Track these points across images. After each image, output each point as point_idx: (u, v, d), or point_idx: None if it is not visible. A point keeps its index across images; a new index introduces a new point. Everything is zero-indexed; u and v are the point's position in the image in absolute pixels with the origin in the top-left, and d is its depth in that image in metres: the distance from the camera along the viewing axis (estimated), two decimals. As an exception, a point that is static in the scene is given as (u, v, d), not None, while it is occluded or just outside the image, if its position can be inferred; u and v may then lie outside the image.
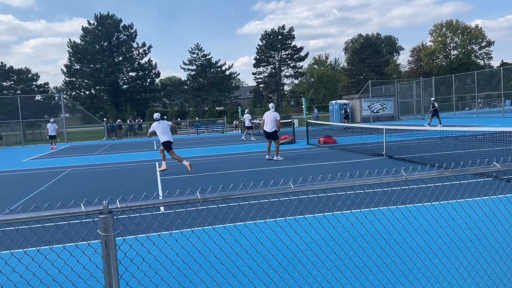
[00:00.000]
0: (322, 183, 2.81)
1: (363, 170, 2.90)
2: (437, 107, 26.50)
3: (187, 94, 63.49)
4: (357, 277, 3.40)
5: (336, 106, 37.70)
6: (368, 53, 74.69)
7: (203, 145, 22.59)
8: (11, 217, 2.28)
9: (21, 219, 2.28)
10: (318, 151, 15.61)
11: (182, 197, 2.61)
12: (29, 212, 2.28)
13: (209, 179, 10.30)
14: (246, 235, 3.28)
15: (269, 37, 67.73)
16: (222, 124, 41.35)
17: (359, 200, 4.64)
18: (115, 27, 56.77)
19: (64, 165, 15.67)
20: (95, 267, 3.17)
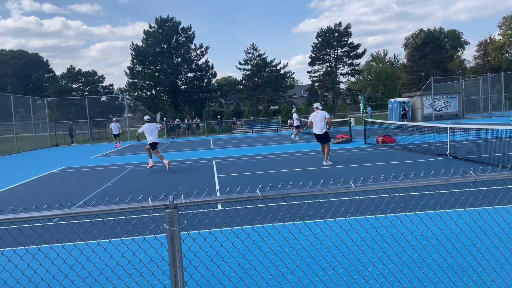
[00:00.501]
0: (384, 183, 2.75)
1: (425, 170, 2.80)
2: None
3: (242, 94, 64.26)
4: (421, 281, 3.28)
5: (395, 104, 36.41)
6: (430, 49, 71.23)
7: (258, 144, 22.78)
8: (86, 209, 2.46)
9: (95, 211, 2.46)
10: (376, 151, 15.19)
11: (243, 194, 2.67)
12: (101, 205, 2.45)
13: (265, 178, 10.37)
14: (305, 234, 3.29)
15: (325, 34, 66.77)
16: (276, 123, 41.42)
17: (424, 202, 4.46)
18: (174, 29, 58.71)
19: (128, 162, 16.49)
20: (161, 259, 3.32)
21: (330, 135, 12.95)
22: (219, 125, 42.80)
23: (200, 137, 36.35)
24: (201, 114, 49.85)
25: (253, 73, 62.95)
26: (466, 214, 3.74)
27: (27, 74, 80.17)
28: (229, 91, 65.21)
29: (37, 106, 36.06)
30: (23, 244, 3.96)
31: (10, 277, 3.22)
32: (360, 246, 3.43)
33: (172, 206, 2.49)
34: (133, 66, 59.27)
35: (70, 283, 3.18)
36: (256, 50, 63.26)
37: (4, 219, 2.40)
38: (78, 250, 3.02)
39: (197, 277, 3.22)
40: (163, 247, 2.82)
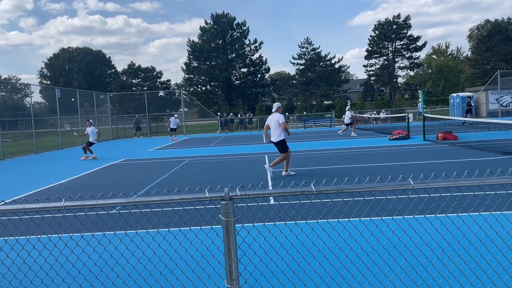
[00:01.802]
0: (446, 181, 2.63)
1: (491, 169, 2.64)
2: None
3: (295, 89, 63.94)
4: (484, 284, 3.11)
5: (458, 99, 34.53)
6: (497, 40, 66.62)
7: (311, 139, 22.58)
8: (147, 198, 2.58)
9: (155, 201, 2.57)
10: (436, 148, 14.53)
11: (297, 189, 2.67)
12: (161, 195, 2.56)
13: (319, 173, 10.28)
14: (360, 230, 3.23)
15: (382, 27, 64.60)
16: (330, 118, 40.82)
17: (489, 201, 4.20)
18: (229, 25, 59.54)
19: (184, 155, 17.02)
20: (216, 250, 3.41)
21: (387, 131, 12.48)
22: (272, 120, 42.85)
23: (253, 131, 36.68)
24: (254, 109, 50.24)
25: (306, 67, 62.40)
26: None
27: (91, 70, 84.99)
28: (282, 86, 65.15)
29: (100, 101, 38.13)
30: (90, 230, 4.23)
31: (78, 260, 3.46)
32: (418, 245, 3.31)
33: (228, 198, 2.55)
34: (189, 62, 60.91)
35: (131, 268, 3.36)
36: (311, 44, 62.61)
37: (72, 205, 2.58)
38: (139, 237, 3.18)
39: (251, 268, 3.28)
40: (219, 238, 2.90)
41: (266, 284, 3.21)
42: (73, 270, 3.55)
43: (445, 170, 9.20)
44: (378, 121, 37.78)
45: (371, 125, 33.34)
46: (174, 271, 3.36)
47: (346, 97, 59.42)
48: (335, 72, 62.90)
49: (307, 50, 62.67)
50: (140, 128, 36.99)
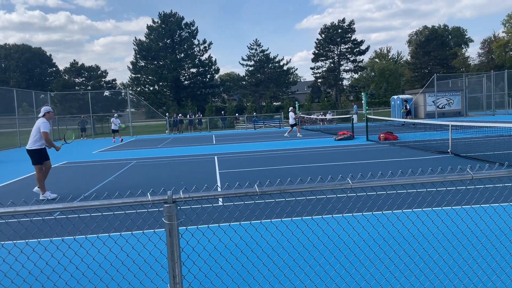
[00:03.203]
0: (381, 180, 2.76)
1: (426, 167, 2.82)
2: None
3: (245, 90, 64.28)
4: (417, 277, 3.31)
5: (398, 101, 36.31)
6: (434, 46, 70.90)
7: (260, 140, 22.81)
8: (86, 203, 2.49)
9: (94, 205, 2.49)
10: (378, 148, 15.19)
11: (241, 190, 2.70)
12: (101, 200, 2.48)
13: (266, 174, 10.41)
14: (303, 229, 3.32)
15: (328, 31, 66.56)
16: (279, 119, 41.43)
17: (421, 199, 4.47)
18: (178, 24, 58.68)
19: (130, 157, 16.55)
20: (159, 253, 3.36)
21: (333, 132, 12.86)
22: (222, 121, 42.82)
23: (203, 132, 36.41)
24: (204, 110, 49.90)
25: (256, 69, 62.92)
26: (462, 212, 3.76)
27: (30, 69, 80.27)
28: (232, 87, 65.24)
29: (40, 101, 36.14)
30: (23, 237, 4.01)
31: (10, 270, 3.26)
32: (357, 242, 3.45)
33: (171, 200, 2.51)
34: (136, 61, 59.33)
35: (69, 276, 3.22)
36: (260, 46, 63.20)
37: (4, 212, 2.43)
38: (78, 244, 3.06)
39: (195, 271, 3.26)
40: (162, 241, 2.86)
41: (210, 286, 3.21)
42: (5, 280, 3.34)
43: (385, 169, 9.65)
44: (325, 122, 38.87)
45: (318, 126, 34.24)
46: (115, 277, 3.27)
47: (294, 99, 60.59)
48: (283, 74, 63.94)
49: (256, 51, 63.22)
50: (85, 129, 35.45)
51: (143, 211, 3.25)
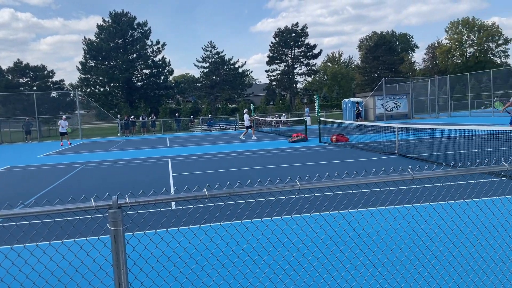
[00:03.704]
0: (328, 181, 2.83)
1: (374, 168, 2.92)
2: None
3: (200, 92, 63.81)
4: (362, 275, 3.42)
5: (349, 104, 37.46)
6: (383, 51, 73.89)
7: (216, 142, 22.72)
8: (24, 210, 2.36)
9: (33, 213, 2.36)
10: (330, 149, 15.57)
11: (190, 193, 2.66)
12: (41, 206, 2.36)
13: (222, 176, 10.37)
14: (252, 232, 3.33)
15: (282, 34, 67.56)
16: (234, 121, 41.47)
17: (366, 199, 4.64)
18: (130, 24, 57.27)
19: (79, 161, 15.92)
20: (104, 261, 3.25)
21: (287, 134, 13.05)
22: (177, 123, 42.22)
23: (156, 135, 35.71)
24: (158, 112, 48.99)
25: (211, 71, 62.66)
26: (404, 210, 3.93)
27: (-31, 67, 75.21)
28: (187, 88, 64.55)
29: (-20, 102, 33.98)
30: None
31: None
32: (305, 242, 3.52)
33: (116, 206, 2.43)
34: (86, 61, 57.28)
35: (5, 287, 3.04)
36: (214, 48, 63.01)
37: None
38: (15, 253, 2.89)
39: (142, 277, 3.18)
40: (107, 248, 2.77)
41: (159, 292, 3.14)
42: None
43: (336, 170, 9.89)
44: (279, 124, 39.36)
45: (273, 128, 34.59)
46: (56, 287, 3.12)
47: (250, 101, 60.92)
48: (239, 76, 64.11)
49: (211, 53, 62.99)
50: (30, 131, 33.61)
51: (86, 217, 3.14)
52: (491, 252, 3.72)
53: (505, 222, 3.75)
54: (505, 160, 2.93)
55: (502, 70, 49.87)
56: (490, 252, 3.72)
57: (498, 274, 3.44)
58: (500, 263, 3.57)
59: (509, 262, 3.60)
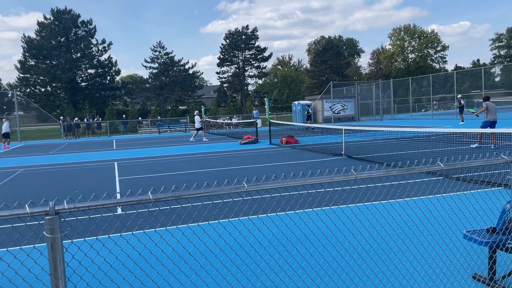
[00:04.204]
0: (275, 182, 2.84)
1: (321, 169, 2.97)
2: (464, 104, 26.59)
3: (149, 93, 62.36)
4: (308, 274, 3.47)
5: (299, 106, 38.19)
6: (330, 55, 76.15)
7: (165, 145, 22.28)
8: None
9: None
10: (280, 151, 15.77)
11: (133, 198, 2.57)
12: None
13: (169, 179, 10.17)
14: (199, 235, 3.28)
15: (232, 36, 67.69)
16: (185, 123, 40.92)
17: (311, 199, 4.74)
18: (73, 22, 54.91)
19: (17, 165, 14.99)
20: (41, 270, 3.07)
21: (238, 136, 13.06)
22: (124, 125, 40.96)
23: (102, 137, 34.44)
24: (104, 113, 47.29)
25: (160, 71, 61.49)
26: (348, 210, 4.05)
27: None
28: (135, 89, 62.86)
29: None
30: None
31: None
32: (252, 244, 3.52)
33: (53, 212, 2.30)
34: (25, 60, 54.22)
35: None
36: (164, 48, 61.94)
37: None
38: None
39: (82, 286, 3.03)
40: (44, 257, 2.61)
41: (101, 301, 3.01)
42: None
43: (285, 171, 10.04)
44: (231, 126, 39.35)
45: (224, 130, 34.50)
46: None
47: (200, 103, 60.38)
48: (189, 78, 63.42)
49: (160, 54, 61.86)
50: None
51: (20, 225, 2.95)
52: (428, 248, 3.92)
53: (441, 219, 3.97)
54: (440, 160, 3.09)
55: (440, 75, 53.03)
56: (427, 248, 3.92)
57: (435, 269, 3.63)
58: (437, 258, 3.77)
59: (445, 257, 3.81)
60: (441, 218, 3.97)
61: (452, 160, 3.08)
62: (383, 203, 4.00)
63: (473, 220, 3.89)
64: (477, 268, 3.65)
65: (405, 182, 5.88)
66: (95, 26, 56.79)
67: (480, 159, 3.08)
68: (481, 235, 3.49)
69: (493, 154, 3.20)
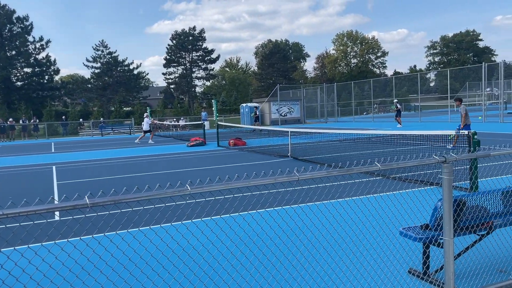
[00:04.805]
0: (219, 184, 2.82)
1: (268, 171, 2.99)
2: (400, 108, 27.70)
3: (91, 93, 59.86)
4: (252, 275, 3.49)
5: (247, 109, 38.39)
6: (277, 59, 77.33)
7: (109, 147, 21.49)
8: None
9: None
10: (227, 153, 15.75)
11: (68, 203, 2.44)
12: None
13: (111, 183, 9.81)
14: (140, 240, 3.19)
15: (179, 37, 66.77)
16: (129, 125, 39.74)
17: (255, 200, 4.78)
18: (8, 18, 51.55)
19: None
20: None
21: (185, 138, 12.88)
22: (63, 127, 39.03)
23: (40, 140, 32.57)
24: (41, 114, 44.79)
25: (103, 71, 59.28)
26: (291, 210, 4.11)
27: None
28: (76, 90, 60.06)
29: None
30: None
31: None
32: (196, 247, 3.47)
33: (-25, 220, 2.14)
34: (-48, 56, 50.12)
35: None
36: (107, 47, 59.78)
37: None
38: None
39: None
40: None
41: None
42: None
43: (231, 173, 10.04)
44: (178, 128, 38.76)
45: (171, 132, 33.93)
46: None
47: (146, 104, 58.91)
48: (134, 78, 61.68)
49: (103, 53, 59.64)
50: None
51: None
52: (367, 245, 4.08)
53: (378, 217, 4.14)
54: (378, 160, 3.22)
55: (380, 79, 55.61)
56: (366, 246, 4.08)
57: (373, 266, 3.77)
58: (375, 255, 3.93)
59: (382, 253, 3.98)
60: (379, 216, 4.15)
61: (388, 161, 3.23)
62: (324, 203, 4.12)
63: (408, 218, 4.10)
64: (412, 263, 3.85)
65: (345, 182, 6.10)
66: (32, 22, 53.68)
67: (414, 160, 3.24)
68: (416, 232, 3.68)
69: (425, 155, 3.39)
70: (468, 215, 3.50)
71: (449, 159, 3.29)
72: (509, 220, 3.73)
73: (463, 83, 56.71)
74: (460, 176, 7.32)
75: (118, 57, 60.12)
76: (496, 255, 3.90)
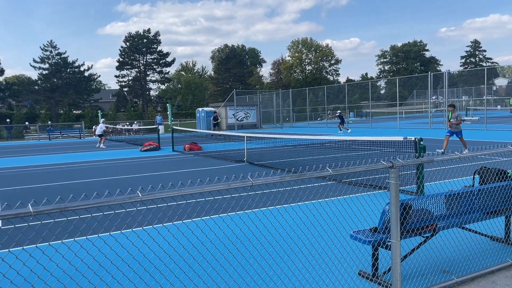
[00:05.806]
0: (171, 191, 2.77)
1: (223, 176, 2.97)
2: (343, 115, 28.44)
3: (38, 95, 57.06)
4: (205, 282, 3.45)
5: (203, 113, 38.12)
6: (233, 64, 77.48)
7: (57, 152, 20.55)
8: None
9: None
10: (182, 158, 15.54)
11: (10, 211, 2.31)
12: None
13: (58, 189, 9.38)
14: (87, 249, 3.06)
15: (133, 39, 65.26)
16: (79, 129, 38.27)
17: (209, 206, 4.75)
18: None
19: None
20: None
21: (139, 143, 12.58)
22: (7, 130, 36.92)
23: (-19, 144, 30.63)
24: (-17, 117, 42.14)
25: (51, 73, 56.74)
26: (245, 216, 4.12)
27: None
28: (22, 91, 57.01)
29: None
30: None
31: None
32: (147, 255, 3.39)
33: None
34: None
35: None
36: (55, 48, 57.33)
37: None
38: None
39: None
40: None
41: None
42: None
43: (187, 178, 9.90)
44: (131, 132, 37.79)
45: (124, 137, 33.00)
46: None
47: (97, 107, 57.00)
48: (84, 80, 59.48)
49: (52, 54, 57.12)
50: None
51: None
52: (319, 249, 4.16)
53: (330, 221, 4.24)
54: (329, 166, 3.30)
55: (334, 86, 57.11)
56: (318, 249, 4.16)
57: (324, 269, 3.85)
58: (326, 258, 4.02)
59: (333, 257, 4.07)
60: (330, 220, 4.25)
61: (339, 166, 3.31)
62: (277, 208, 4.16)
63: (357, 222, 4.22)
64: (361, 265, 3.96)
65: (298, 187, 6.20)
66: (-27, 18, 50.51)
67: (363, 165, 3.35)
68: (365, 235, 3.79)
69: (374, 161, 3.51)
70: (414, 218, 3.66)
71: (396, 164, 3.43)
72: (452, 222, 3.94)
73: (411, 91, 59.53)
74: (407, 181, 7.65)
75: (68, 58, 57.81)
76: (440, 256, 4.10)
